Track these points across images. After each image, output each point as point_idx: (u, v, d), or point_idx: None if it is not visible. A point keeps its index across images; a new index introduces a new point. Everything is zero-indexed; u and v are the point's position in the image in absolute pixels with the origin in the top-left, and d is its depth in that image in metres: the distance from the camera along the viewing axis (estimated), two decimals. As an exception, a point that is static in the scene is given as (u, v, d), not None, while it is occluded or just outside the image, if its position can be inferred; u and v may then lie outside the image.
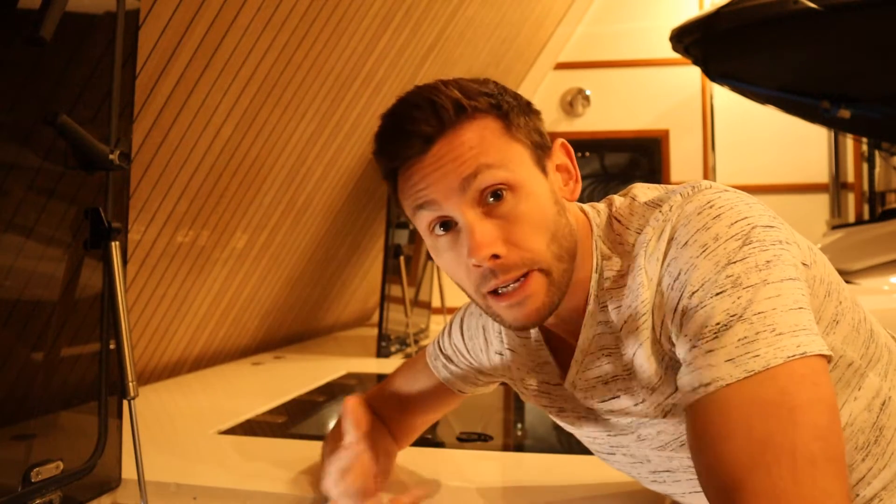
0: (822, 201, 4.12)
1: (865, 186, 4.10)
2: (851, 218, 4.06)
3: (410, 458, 1.08)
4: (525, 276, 0.68)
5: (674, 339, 0.65)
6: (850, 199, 4.12)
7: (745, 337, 0.58)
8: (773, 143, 4.08)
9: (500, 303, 0.69)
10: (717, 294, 0.61)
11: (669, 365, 0.68)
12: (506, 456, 1.38)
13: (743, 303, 0.59)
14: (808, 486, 0.53)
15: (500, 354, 0.89)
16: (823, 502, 0.53)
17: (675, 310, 0.64)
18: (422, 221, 0.72)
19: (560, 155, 0.76)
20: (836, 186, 4.09)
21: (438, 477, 1.05)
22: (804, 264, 0.67)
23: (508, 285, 0.68)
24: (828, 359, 0.60)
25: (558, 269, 0.70)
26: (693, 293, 0.62)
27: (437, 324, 3.15)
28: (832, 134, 4.01)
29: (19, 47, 0.85)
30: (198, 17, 1.38)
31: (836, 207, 4.08)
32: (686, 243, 0.65)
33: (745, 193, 0.69)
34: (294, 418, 1.61)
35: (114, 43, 0.95)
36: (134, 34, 1.01)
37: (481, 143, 0.69)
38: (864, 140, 3.83)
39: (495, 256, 0.67)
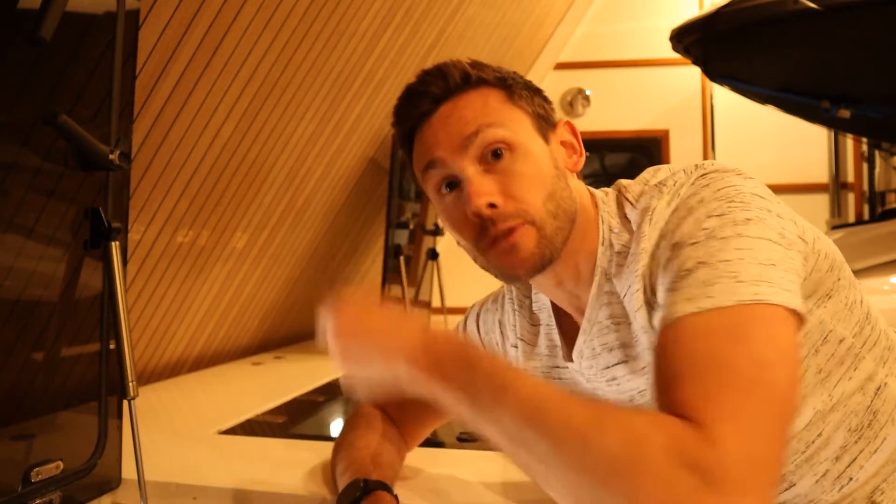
0: (822, 201, 4.12)
1: (865, 186, 4.09)
2: (851, 218, 4.06)
3: (411, 458, 1.08)
4: (519, 227, 0.73)
5: (658, 291, 0.68)
6: (850, 199, 4.12)
7: (707, 280, 0.61)
8: (773, 143, 4.08)
9: (493, 251, 0.74)
10: (692, 244, 0.64)
11: None
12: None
13: (712, 251, 0.62)
14: (734, 396, 0.53)
15: (515, 347, 0.92)
16: (745, 415, 0.52)
17: (660, 266, 0.68)
18: (430, 182, 0.77)
19: (564, 132, 0.82)
20: (836, 186, 4.09)
21: (438, 477, 1.05)
22: (802, 239, 0.70)
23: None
24: (796, 315, 0.61)
25: (552, 226, 0.74)
26: (673, 245, 0.66)
27: (436, 324, 3.15)
28: (832, 134, 4.01)
29: (19, 47, 0.85)
30: (198, 17, 1.38)
31: (836, 207, 4.08)
32: (677, 208, 0.69)
33: (749, 174, 0.71)
34: (294, 418, 1.61)
35: (114, 43, 0.95)
36: (134, 34, 1.01)
37: (484, 107, 0.75)
38: (864, 140, 3.83)
39: (492, 206, 0.72)
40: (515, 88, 0.78)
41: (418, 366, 0.62)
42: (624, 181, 0.80)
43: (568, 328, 0.85)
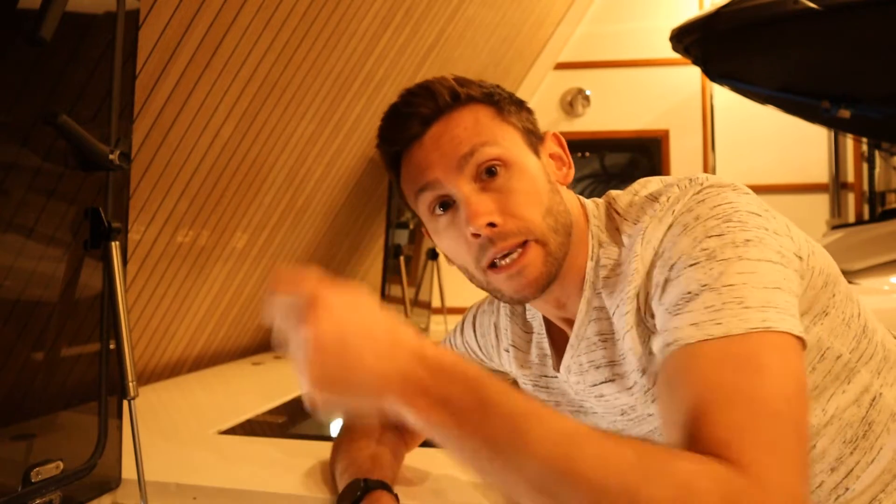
0: (822, 201, 4.12)
1: (865, 186, 4.09)
2: (851, 218, 4.06)
3: (411, 459, 1.08)
4: (522, 245, 0.71)
5: (654, 312, 0.67)
6: (850, 199, 4.12)
7: (712, 305, 0.60)
8: (773, 143, 4.08)
9: (498, 275, 0.72)
10: (692, 265, 0.63)
11: None
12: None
13: (714, 274, 0.61)
14: (766, 431, 0.53)
15: (507, 351, 0.91)
16: (780, 452, 0.52)
17: (657, 285, 0.67)
18: (423, 203, 0.75)
19: (552, 145, 0.80)
20: (836, 186, 4.09)
21: (438, 477, 1.05)
22: (798, 256, 0.69)
23: (506, 256, 0.71)
24: (801, 342, 0.60)
25: (555, 241, 0.73)
26: (672, 266, 0.65)
27: (437, 324, 3.15)
28: (832, 134, 4.01)
29: (19, 47, 0.85)
30: (198, 17, 1.38)
31: (836, 207, 4.08)
32: (671, 225, 0.67)
33: (745, 188, 0.70)
34: (294, 418, 1.61)
35: (114, 43, 0.95)
36: (134, 34, 1.01)
37: (476, 125, 0.73)
38: (864, 140, 3.83)
39: (492, 225, 0.70)
40: (503, 104, 0.76)
41: (416, 402, 0.52)
42: (614, 192, 0.79)
43: (559, 338, 0.84)
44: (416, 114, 0.74)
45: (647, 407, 0.76)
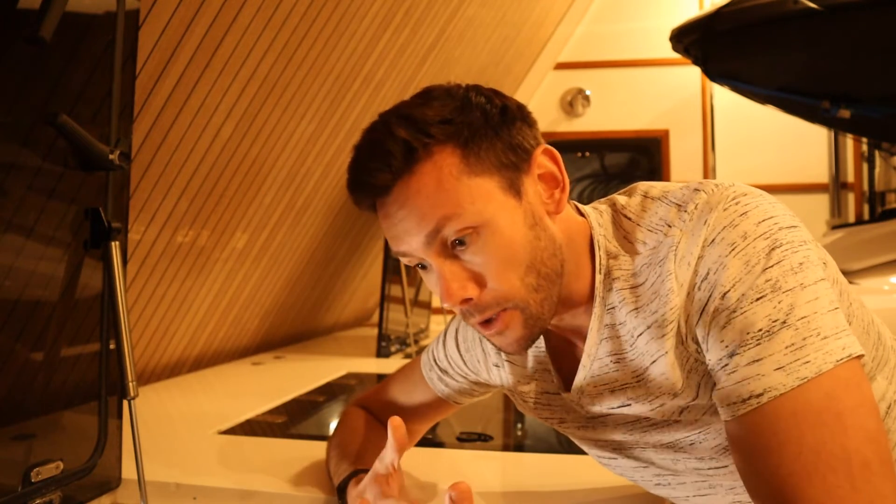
0: (822, 201, 4.12)
1: (865, 186, 4.10)
2: (851, 218, 4.06)
3: (410, 459, 1.08)
4: (503, 310, 0.70)
5: (701, 340, 0.64)
6: (850, 199, 4.12)
7: (793, 343, 0.57)
8: (773, 143, 4.08)
9: (485, 331, 0.73)
10: (758, 299, 0.59)
11: (693, 368, 0.67)
12: (506, 456, 1.38)
13: (784, 307, 0.58)
14: (866, 490, 0.53)
15: (498, 366, 0.88)
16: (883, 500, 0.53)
17: (704, 310, 0.63)
18: (404, 261, 0.74)
19: (544, 162, 0.72)
20: (836, 186, 4.09)
21: (438, 477, 1.05)
22: (824, 263, 0.67)
23: (490, 318, 0.71)
24: (861, 359, 0.60)
25: (535, 301, 0.69)
26: (725, 293, 0.61)
27: (437, 324, 3.15)
28: (832, 134, 4.02)
29: (19, 47, 0.85)
30: (198, 17, 1.37)
31: (836, 207, 4.08)
32: (713, 241, 0.63)
33: (766, 193, 0.67)
34: (294, 418, 1.61)
35: (114, 43, 0.95)
36: (134, 34, 1.01)
37: (438, 191, 0.67)
38: (864, 140, 3.83)
39: (468, 300, 0.69)
40: (474, 141, 0.67)
41: None
42: (619, 197, 0.75)
43: (562, 350, 0.80)
44: (372, 185, 0.69)
45: (666, 428, 0.74)
